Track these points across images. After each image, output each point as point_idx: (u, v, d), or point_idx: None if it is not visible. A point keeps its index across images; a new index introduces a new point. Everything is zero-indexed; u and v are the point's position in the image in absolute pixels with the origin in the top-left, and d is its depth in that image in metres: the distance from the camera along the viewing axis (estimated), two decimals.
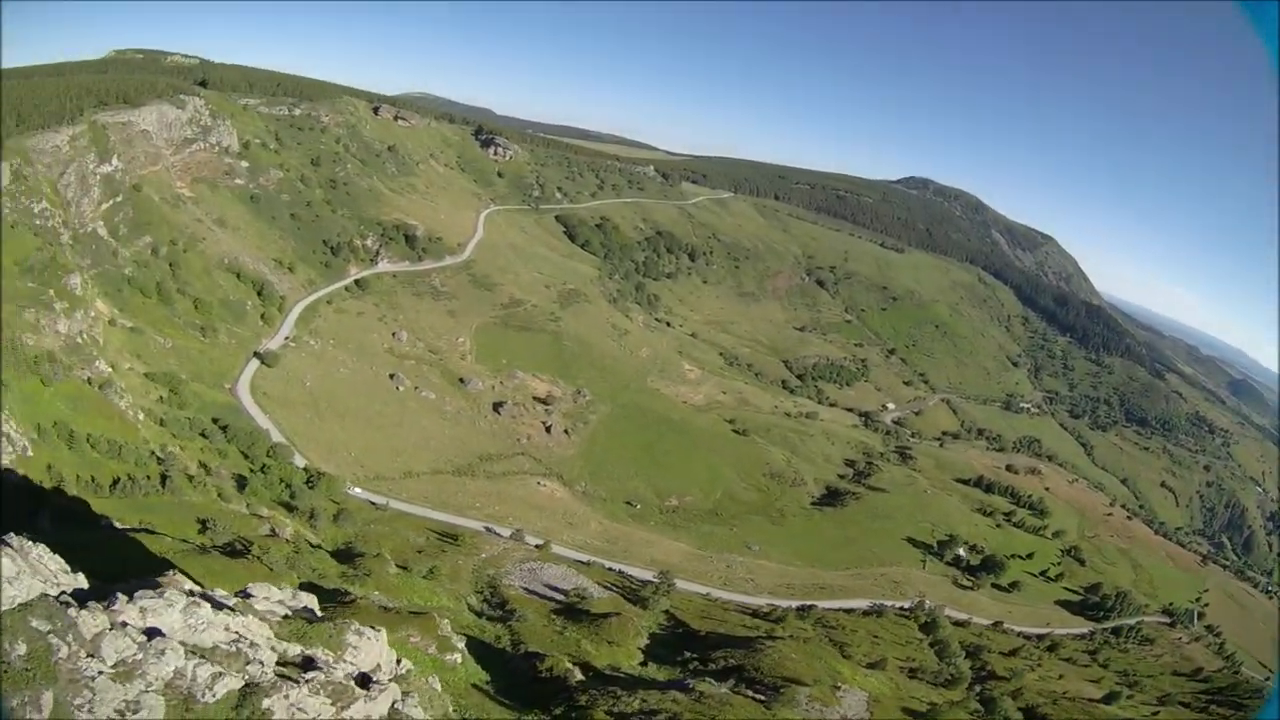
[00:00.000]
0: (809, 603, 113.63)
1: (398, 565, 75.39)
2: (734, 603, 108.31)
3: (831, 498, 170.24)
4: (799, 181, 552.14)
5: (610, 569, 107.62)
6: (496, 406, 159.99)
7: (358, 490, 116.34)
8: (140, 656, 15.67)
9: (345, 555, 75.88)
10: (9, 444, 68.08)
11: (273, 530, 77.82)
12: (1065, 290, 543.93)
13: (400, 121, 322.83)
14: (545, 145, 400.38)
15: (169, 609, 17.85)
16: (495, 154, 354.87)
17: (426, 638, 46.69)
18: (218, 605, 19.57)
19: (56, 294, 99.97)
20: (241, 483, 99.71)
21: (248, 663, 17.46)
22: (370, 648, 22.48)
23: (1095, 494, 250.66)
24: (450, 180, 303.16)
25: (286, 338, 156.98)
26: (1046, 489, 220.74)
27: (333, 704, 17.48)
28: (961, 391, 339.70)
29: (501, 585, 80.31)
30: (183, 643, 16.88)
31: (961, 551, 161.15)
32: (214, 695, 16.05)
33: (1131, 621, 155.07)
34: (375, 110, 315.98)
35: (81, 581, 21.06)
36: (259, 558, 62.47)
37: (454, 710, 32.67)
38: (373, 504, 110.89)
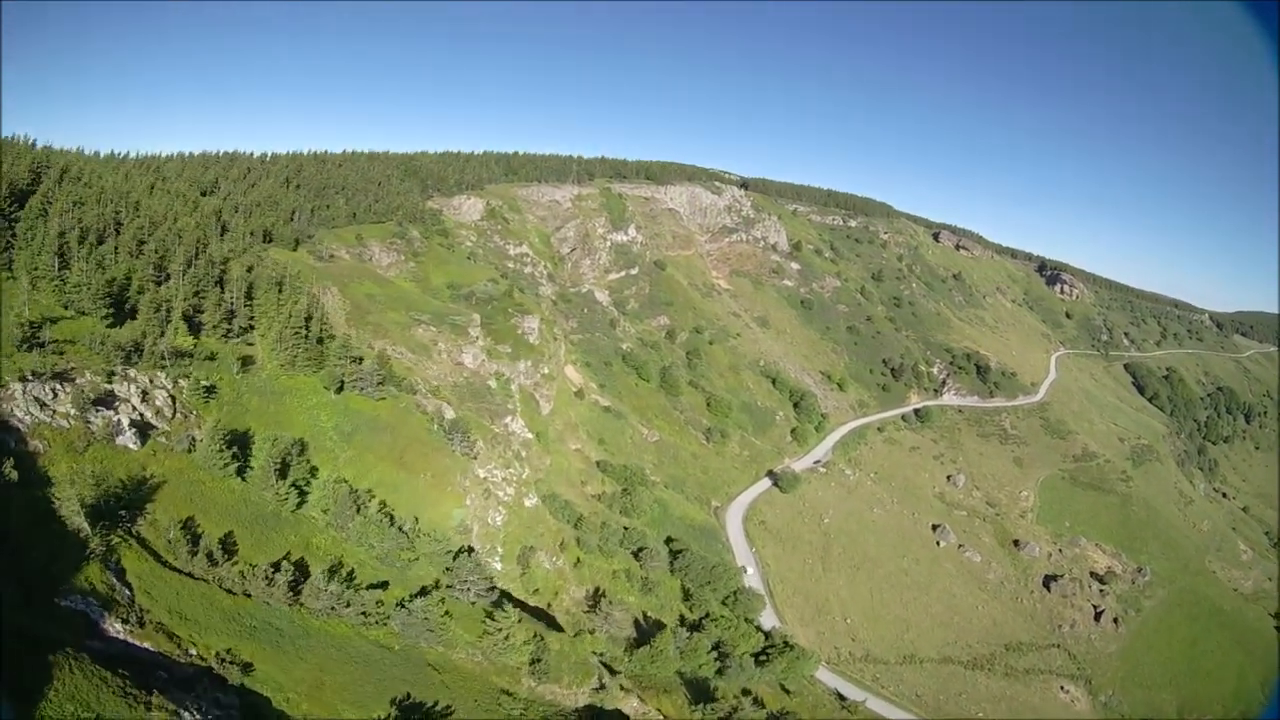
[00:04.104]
0: None
1: None
2: None
3: None
4: None
5: None
6: (1048, 581, 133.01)
7: (827, 672, 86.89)
8: None
9: None
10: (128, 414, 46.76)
11: None
12: None
13: (962, 250, 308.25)
14: (1108, 287, 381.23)
15: None
16: (1061, 292, 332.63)
17: None
18: None
19: (494, 333, 78.62)
20: (642, 637, 68.40)
21: None
22: None
23: None
24: (1018, 316, 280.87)
25: (817, 461, 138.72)
26: None
27: None
28: None
29: None
30: None
31: None
32: None
33: None
34: (935, 236, 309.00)
35: None
36: None
37: None
38: (840, 697, 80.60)
